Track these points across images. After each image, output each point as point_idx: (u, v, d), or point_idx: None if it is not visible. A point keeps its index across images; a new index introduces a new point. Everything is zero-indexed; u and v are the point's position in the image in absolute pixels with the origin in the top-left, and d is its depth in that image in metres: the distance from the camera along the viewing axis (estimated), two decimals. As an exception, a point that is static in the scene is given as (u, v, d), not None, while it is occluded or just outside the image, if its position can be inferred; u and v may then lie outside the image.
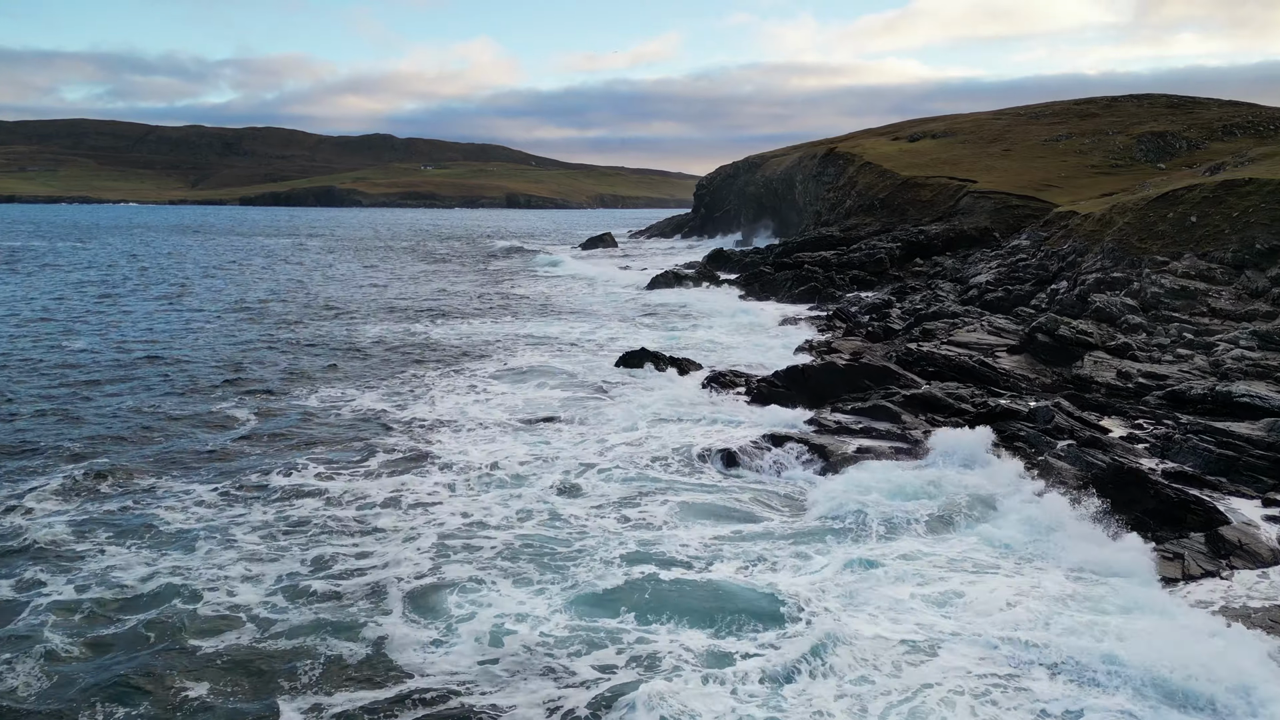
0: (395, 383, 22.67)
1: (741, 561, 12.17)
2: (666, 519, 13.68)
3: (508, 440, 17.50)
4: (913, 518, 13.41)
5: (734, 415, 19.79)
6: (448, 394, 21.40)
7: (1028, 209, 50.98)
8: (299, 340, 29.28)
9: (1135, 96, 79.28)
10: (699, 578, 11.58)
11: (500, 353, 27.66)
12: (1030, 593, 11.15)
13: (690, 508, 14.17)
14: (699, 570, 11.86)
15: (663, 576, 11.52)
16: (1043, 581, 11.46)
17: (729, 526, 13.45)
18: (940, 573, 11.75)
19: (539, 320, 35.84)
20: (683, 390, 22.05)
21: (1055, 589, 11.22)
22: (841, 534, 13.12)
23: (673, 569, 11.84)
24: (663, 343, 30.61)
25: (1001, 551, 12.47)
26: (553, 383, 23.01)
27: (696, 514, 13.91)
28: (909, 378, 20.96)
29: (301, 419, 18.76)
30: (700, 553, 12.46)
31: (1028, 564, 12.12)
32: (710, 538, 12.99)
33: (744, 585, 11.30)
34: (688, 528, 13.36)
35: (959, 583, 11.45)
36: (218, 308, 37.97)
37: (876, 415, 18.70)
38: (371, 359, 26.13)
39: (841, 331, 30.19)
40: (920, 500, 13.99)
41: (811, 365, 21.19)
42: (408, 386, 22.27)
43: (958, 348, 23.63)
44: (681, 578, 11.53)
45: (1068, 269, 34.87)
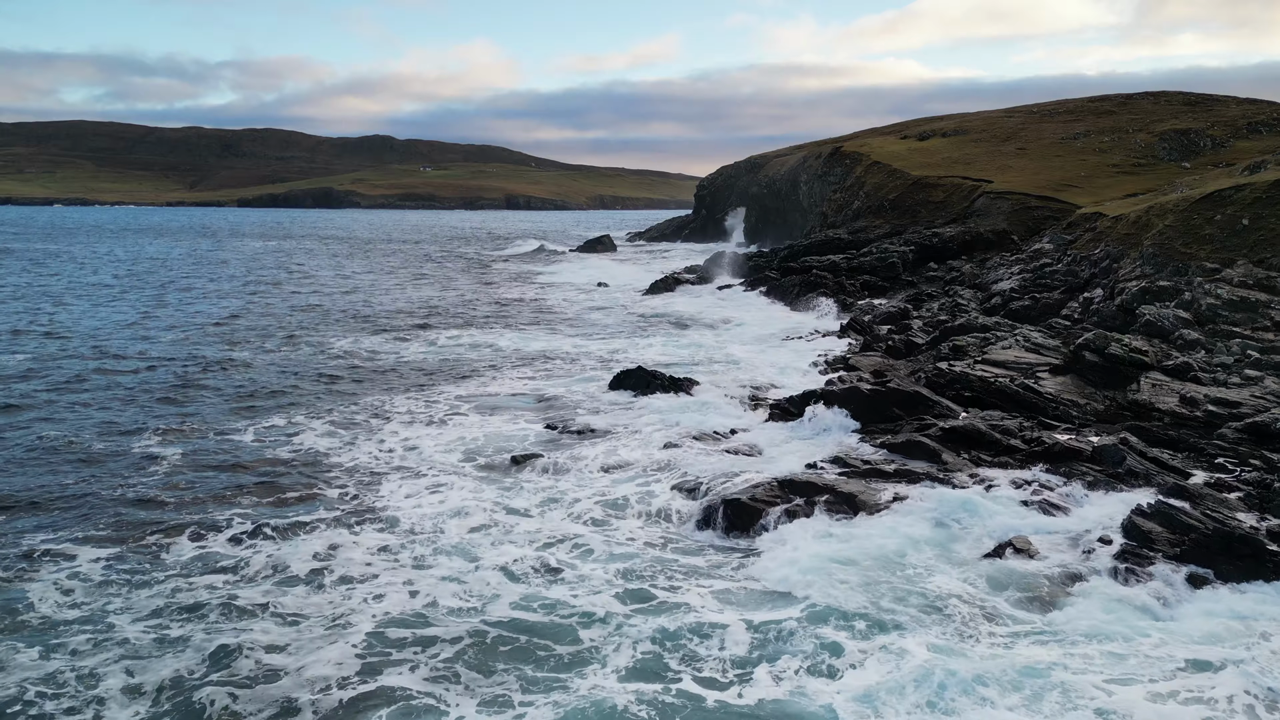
0: (351, 410, 19.90)
1: (782, 666, 9.37)
2: (671, 598, 10.91)
3: (470, 490, 14.67)
4: (984, 600, 10.62)
5: (743, 446, 17.03)
6: (408, 425, 18.60)
7: (1047, 210, 48.30)
8: (256, 358, 26.48)
9: (1151, 94, 76.63)
10: (736, 700, 8.77)
11: (481, 371, 24.88)
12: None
13: (700, 584, 11.39)
14: (730, 684, 9.07)
15: (677, 691, 8.77)
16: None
17: (754, 612, 10.61)
18: (1040, 680, 8.94)
19: (527, 331, 33.11)
20: (683, 417, 19.28)
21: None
22: (898, 621, 10.35)
23: (697, 679, 9.07)
24: (662, 356, 27.91)
25: (1120, 639, 9.61)
26: (533, 411, 20.23)
27: (711, 597, 11.10)
28: (943, 405, 18.22)
29: (230, 460, 16.00)
30: (731, 653, 9.64)
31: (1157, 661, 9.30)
32: (736, 631, 10.16)
33: (797, 710, 8.50)
34: (703, 612, 10.56)
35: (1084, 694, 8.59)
36: (175, 319, 35.23)
37: (912, 452, 15.96)
38: (332, 381, 23.31)
39: (859, 345, 27.44)
40: (984, 572, 11.23)
41: (832, 391, 18.44)
42: (365, 415, 19.49)
43: (994, 368, 20.87)
44: (709, 697, 8.75)
45: (1101, 276, 32.12)
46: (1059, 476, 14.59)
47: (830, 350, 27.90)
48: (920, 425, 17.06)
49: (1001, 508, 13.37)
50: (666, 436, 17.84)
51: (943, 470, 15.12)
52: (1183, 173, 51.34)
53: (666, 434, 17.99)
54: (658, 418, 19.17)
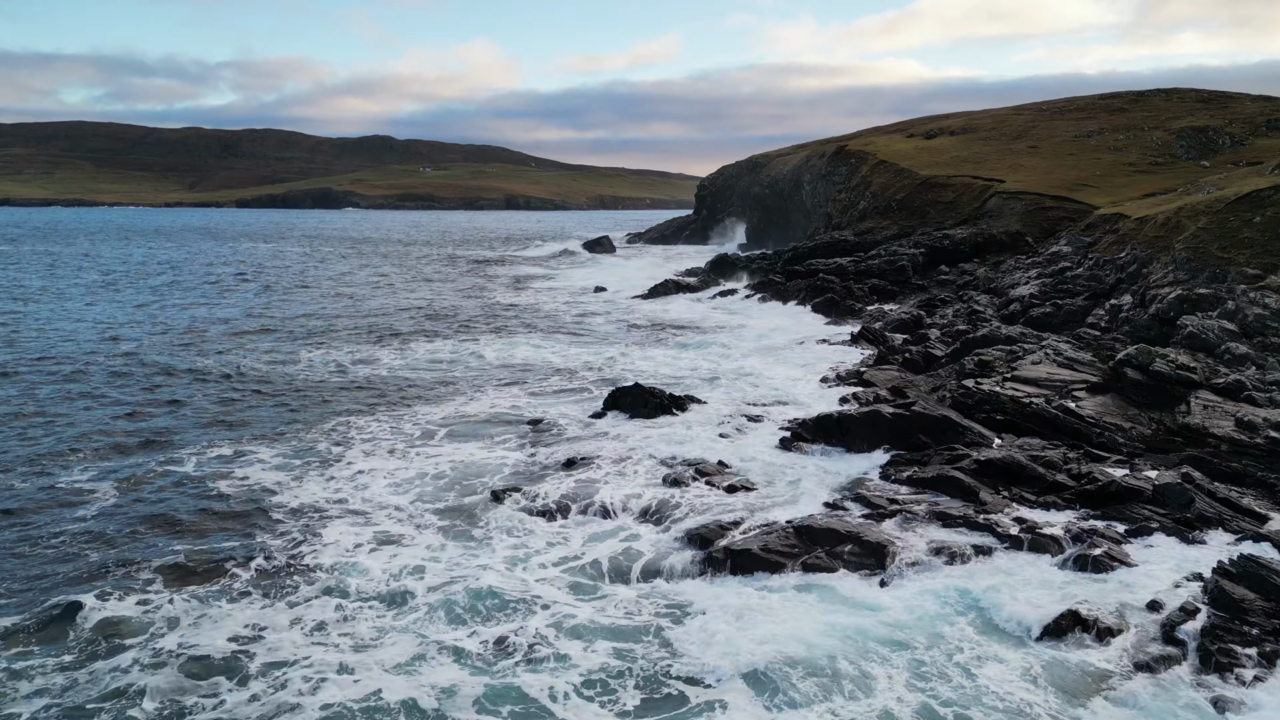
0: (309, 435, 17.96)
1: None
2: (671, 689, 8.97)
3: (429, 542, 12.62)
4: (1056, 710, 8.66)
5: (752, 480, 15.09)
6: (370, 455, 16.64)
7: (1063, 211, 46.39)
8: (215, 370, 24.53)
9: (1163, 90, 74.67)
10: None
11: (461, 388, 22.92)
12: None
13: (702, 660, 9.45)
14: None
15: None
16: None
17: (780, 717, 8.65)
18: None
19: (517, 340, 31.17)
20: (684, 445, 17.35)
21: None
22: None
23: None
24: (661, 368, 26.00)
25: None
26: (515, 437, 18.25)
27: (720, 683, 9.15)
28: (974, 431, 16.29)
29: (163, 499, 14.08)
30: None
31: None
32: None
33: None
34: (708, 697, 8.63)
35: None
36: (138, 325, 33.30)
37: (944, 489, 14.04)
38: (295, 398, 21.33)
39: (873, 356, 25.50)
40: (1046, 661, 9.29)
41: (849, 415, 16.53)
42: (324, 441, 17.54)
43: (1026, 386, 18.95)
44: None
45: (1129, 281, 30.18)
46: (1118, 521, 12.66)
47: (841, 362, 25.98)
48: (951, 456, 15.14)
49: (1055, 563, 11.44)
50: (665, 469, 15.90)
51: (981, 511, 13.19)
52: (1203, 171, 49.39)
53: (665, 466, 16.05)
54: (655, 446, 17.23)
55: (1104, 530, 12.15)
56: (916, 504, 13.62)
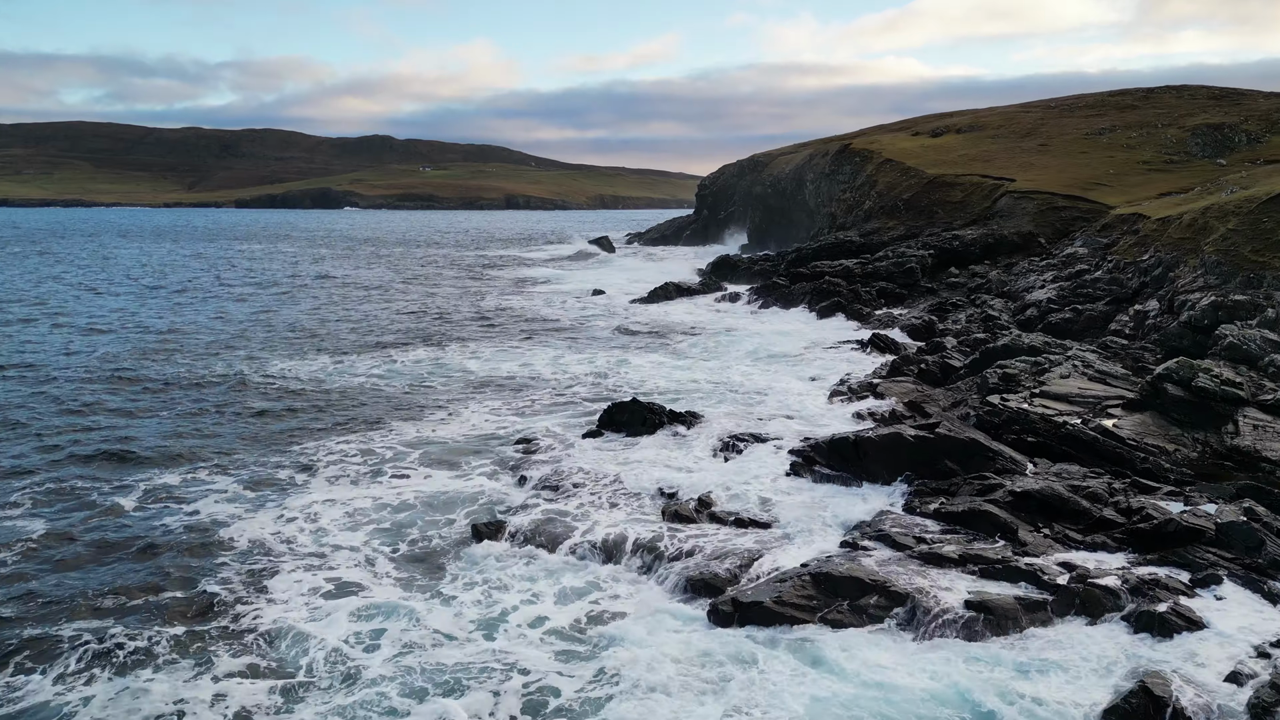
0: (270, 460, 16.44)
1: None
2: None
3: (388, 595, 11.05)
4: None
5: (761, 514, 13.56)
6: (334, 484, 15.13)
7: (1076, 210, 44.84)
8: (178, 383, 23.03)
9: (1174, 87, 73.08)
10: None
11: (442, 404, 21.37)
12: None
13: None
14: None
15: None
16: None
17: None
18: None
19: (510, 348, 29.63)
20: (684, 469, 15.83)
21: None
22: None
23: None
24: (660, 379, 24.47)
25: None
26: (495, 463, 16.69)
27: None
28: (1005, 455, 14.75)
29: (99, 539, 12.59)
30: None
31: None
32: None
33: None
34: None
35: None
36: (106, 330, 31.78)
37: (977, 525, 12.51)
38: (260, 417, 19.78)
39: (886, 366, 23.96)
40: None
41: (867, 437, 14.99)
42: (286, 468, 16.03)
43: (1056, 403, 17.42)
44: None
45: (1153, 286, 28.65)
46: (1179, 567, 11.13)
47: (851, 372, 24.44)
48: (983, 486, 13.60)
49: (1113, 623, 9.91)
50: (663, 499, 14.39)
51: (1021, 553, 11.66)
52: (1220, 170, 47.84)
53: (663, 495, 14.52)
54: (654, 470, 15.71)
55: (1165, 580, 10.62)
56: (947, 543, 12.09)
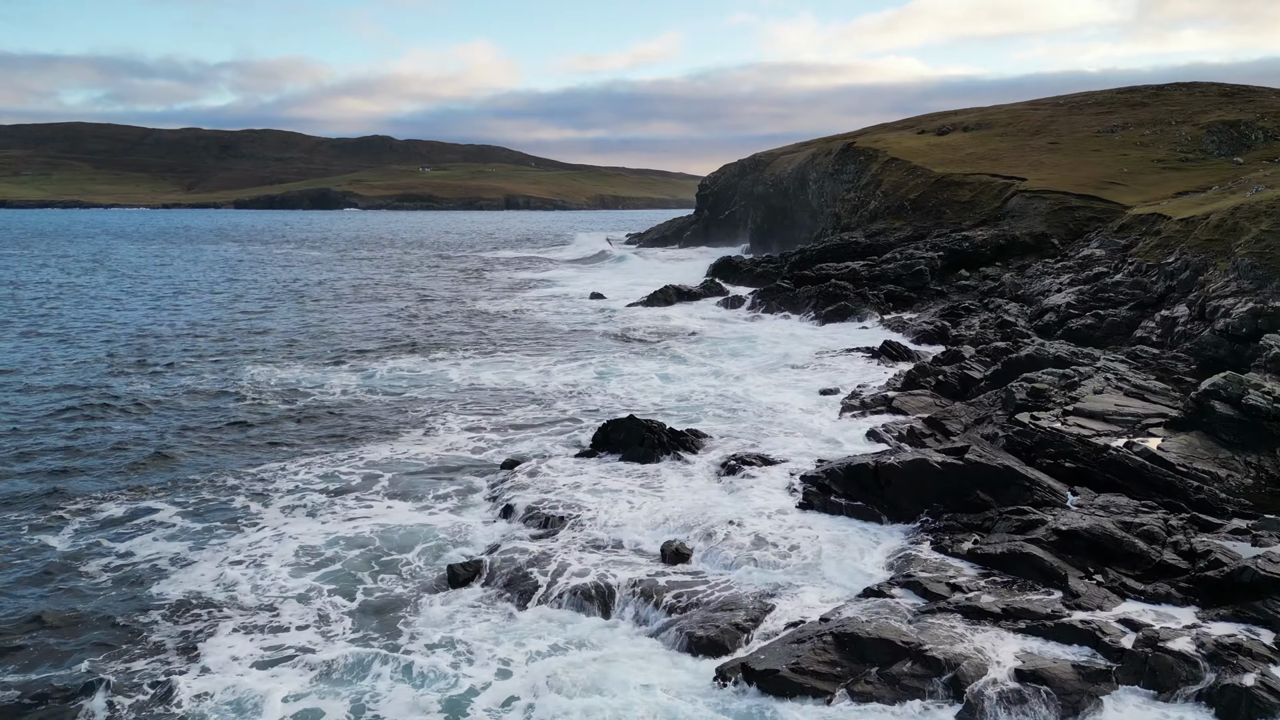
0: (227, 486, 14.96)
1: None
2: None
3: (330, 665, 9.42)
4: None
5: (773, 554, 12.04)
6: (289, 514, 13.63)
7: (1090, 210, 43.36)
8: (141, 395, 21.55)
9: (1184, 85, 71.62)
10: None
11: (423, 417, 19.86)
12: None
13: None
14: None
15: None
16: None
17: None
18: None
19: (500, 357, 28.09)
20: (684, 498, 14.31)
21: None
22: None
23: None
24: (659, 393, 22.97)
25: None
26: (467, 491, 15.18)
27: None
28: (1043, 485, 13.23)
29: (19, 592, 11.05)
30: None
31: None
32: None
33: None
34: None
35: None
36: (75, 337, 30.27)
37: (1019, 570, 11.00)
38: (222, 434, 18.29)
39: (900, 376, 22.44)
40: None
41: (889, 464, 13.47)
42: (241, 494, 14.53)
43: (1092, 421, 15.91)
44: None
45: (1181, 290, 27.14)
46: (1258, 624, 9.61)
47: (864, 384, 22.93)
48: (1022, 522, 12.08)
49: (1190, 700, 8.38)
50: (662, 533, 12.89)
51: (1074, 605, 10.15)
52: (1237, 168, 46.34)
53: (662, 529, 13.02)
54: (651, 499, 14.20)
55: (1246, 643, 9.10)
56: (986, 591, 10.57)
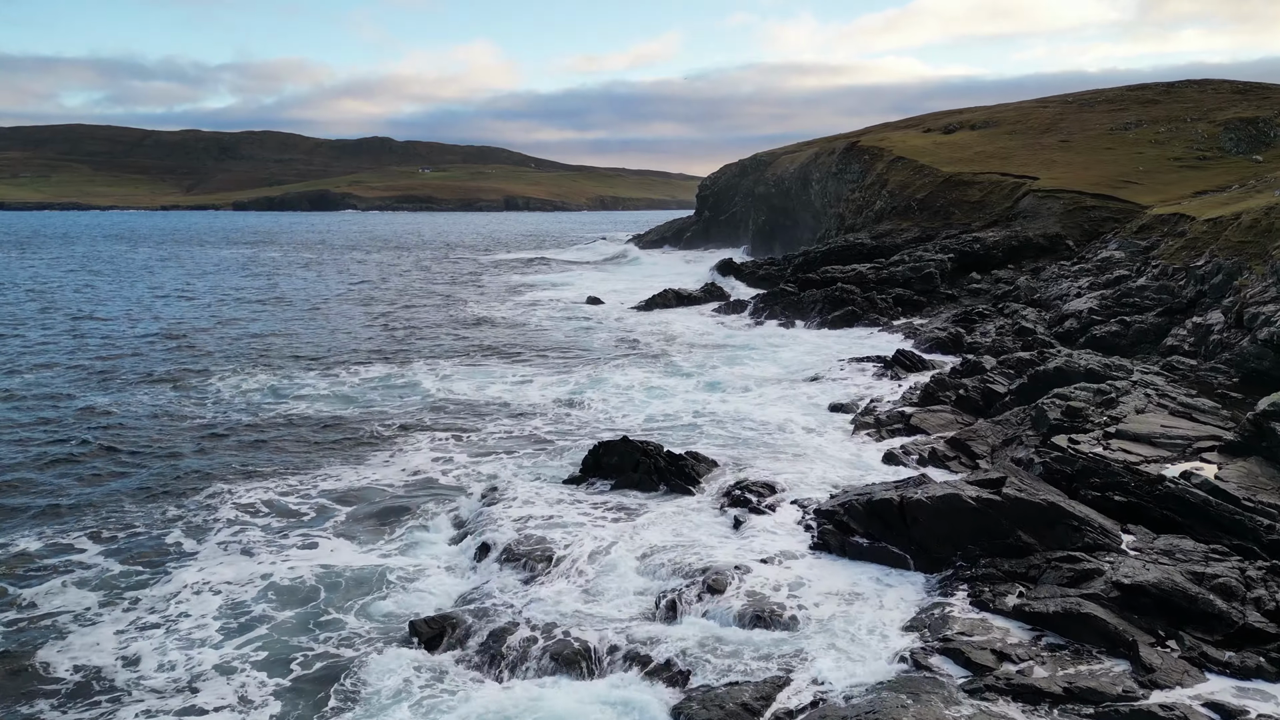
0: (164, 517, 13.39)
1: None
2: None
3: None
4: None
5: (783, 610, 10.38)
6: (224, 554, 11.99)
7: (1106, 210, 41.74)
8: (98, 409, 19.98)
9: (1195, 81, 70.05)
10: None
11: (389, 436, 18.20)
12: None
13: None
14: None
15: None
16: None
17: None
18: None
19: (486, 367, 26.42)
20: (683, 535, 12.65)
21: None
22: None
23: None
24: (656, 406, 21.31)
25: None
26: (434, 524, 13.53)
27: None
28: (1094, 525, 11.55)
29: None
30: None
31: None
32: None
33: None
34: None
35: None
36: (42, 341, 28.61)
37: (1075, 632, 9.36)
38: (169, 455, 16.70)
39: (917, 391, 20.77)
40: None
41: (916, 500, 11.79)
42: (177, 527, 12.94)
43: (1138, 445, 14.23)
44: None
45: (1212, 295, 25.47)
46: (1380, 714, 7.91)
47: (878, 397, 21.27)
48: (1074, 572, 10.40)
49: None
50: (659, 579, 11.23)
51: (1148, 682, 8.48)
52: (1257, 166, 44.73)
53: (659, 575, 11.37)
54: (648, 536, 12.54)
55: (1370, 738, 7.41)
56: (1040, 661, 8.91)
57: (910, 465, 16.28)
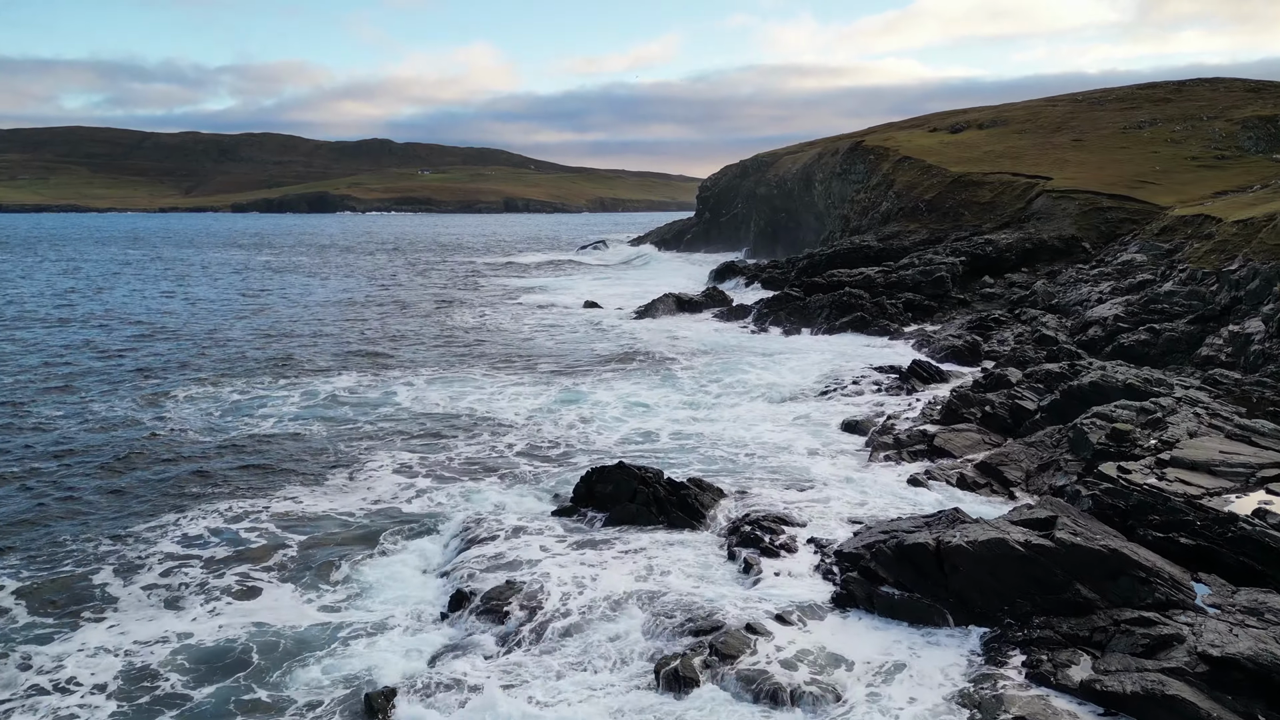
0: (86, 555, 11.96)
1: None
2: None
3: None
4: None
5: (803, 677, 8.78)
6: (142, 602, 10.50)
7: (1123, 211, 40.14)
8: (47, 423, 18.65)
9: (1206, 80, 68.55)
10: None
11: (355, 456, 16.64)
12: None
13: None
14: None
15: None
16: None
17: None
18: None
19: (471, 377, 24.81)
20: (687, 582, 11.05)
21: None
22: None
23: None
24: (654, 425, 19.71)
25: None
26: (399, 563, 11.96)
27: None
28: (1163, 576, 9.96)
29: None
30: None
31: None
32: None
33: None
34: None
35: None
36: (10, 345, 27.11)
37: (1160, 718, 7.71)
38: (114, 478, 15.22)
39: (938, 407, 19.16)
40: None
41: (955, 546, 10.20)
42: (106, 569, 11.48)
43: (1197, 474, 12.63)
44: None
45: (1249, 301, 23.89)
46: None
47: (894, 414, 19.66)
48: (1151, 639, 8.80)
49: None
50: (658, 638, 9.64)
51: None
52: (1275, 166, 43.12)
53: (659, 632, 9.78)
54: (646, 583, 10.94)
55: None
56: (1119, 761, 7.28)
57: (937, 491, 14.71)
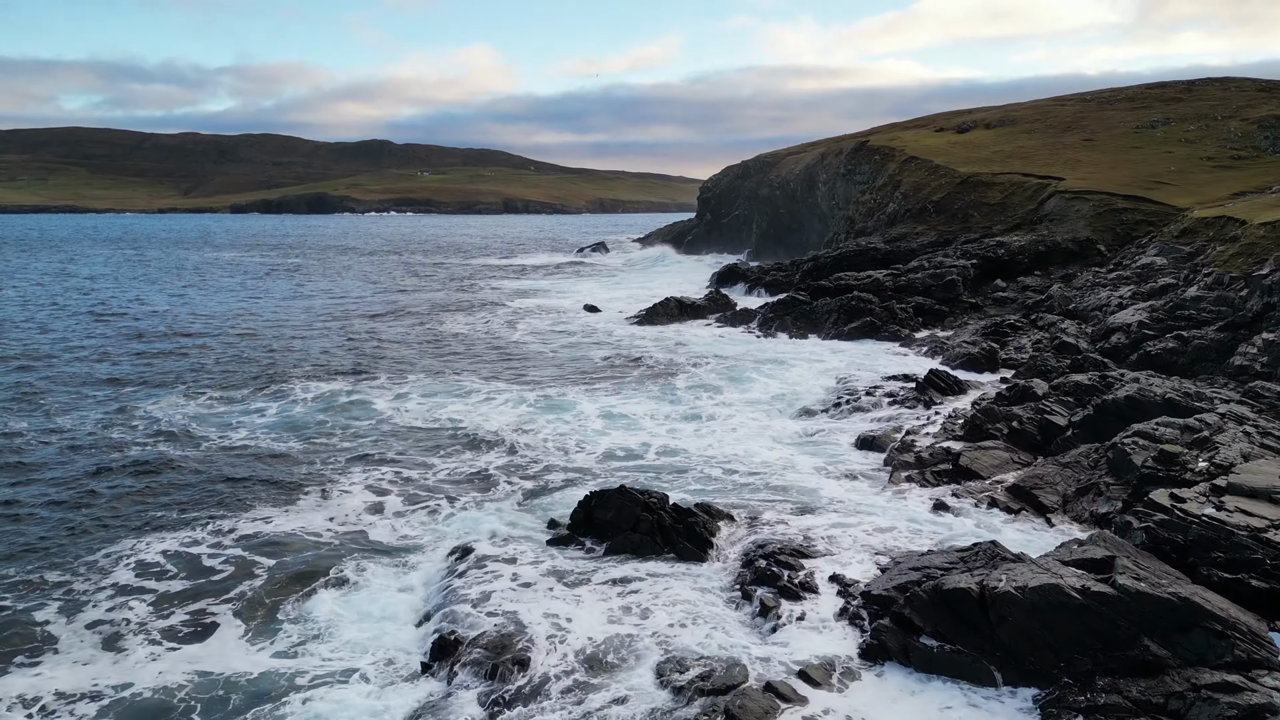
0: (38, 588, 11.01)
1: None
2: None
3: None
4: None
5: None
6: (83, 646, 9.36)
7: (1140, 213, 38.96)
8: (15, 433, 17.24)
9: (1216, 80, 67.48)
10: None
11: (330, 471, 15.45)
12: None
13: None
14: None
15: None
16: None
17: None
18: None
19: (461, 385, 23.57)
20: (697, 631, 9.84)
21: None
22: None
23: None
24: (659, 440, 18.48)
25: None
26: (353, 600, 10.75)
27: None
28: (1240, 629, 8.72)
29: None
30: None
31: None
32: None
33: None
34: None
35: None
36: None
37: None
38: (73, 496, 14.10)
39: (960, 422, 17.92)
40: None
41: (1003, 593, 8.98)
42: (50, 605, 10.44)
43: (1258, 503, 11.42)
44: None
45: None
46: None
47: (912, 427, 18.43)
48: (1240, 708, 7.56)
49: None
50: (670, 702, 8.40)
51: None
52: (1295, 166, 41.92)
53: (670, 689, 8.55)
54: (651, 621, 9.74)
55: None
56: None
57: (966, 517, 13.51)
